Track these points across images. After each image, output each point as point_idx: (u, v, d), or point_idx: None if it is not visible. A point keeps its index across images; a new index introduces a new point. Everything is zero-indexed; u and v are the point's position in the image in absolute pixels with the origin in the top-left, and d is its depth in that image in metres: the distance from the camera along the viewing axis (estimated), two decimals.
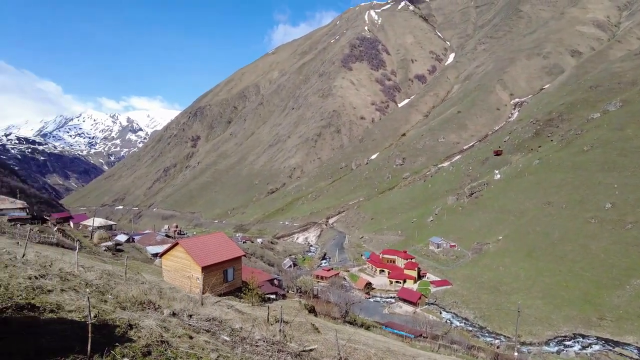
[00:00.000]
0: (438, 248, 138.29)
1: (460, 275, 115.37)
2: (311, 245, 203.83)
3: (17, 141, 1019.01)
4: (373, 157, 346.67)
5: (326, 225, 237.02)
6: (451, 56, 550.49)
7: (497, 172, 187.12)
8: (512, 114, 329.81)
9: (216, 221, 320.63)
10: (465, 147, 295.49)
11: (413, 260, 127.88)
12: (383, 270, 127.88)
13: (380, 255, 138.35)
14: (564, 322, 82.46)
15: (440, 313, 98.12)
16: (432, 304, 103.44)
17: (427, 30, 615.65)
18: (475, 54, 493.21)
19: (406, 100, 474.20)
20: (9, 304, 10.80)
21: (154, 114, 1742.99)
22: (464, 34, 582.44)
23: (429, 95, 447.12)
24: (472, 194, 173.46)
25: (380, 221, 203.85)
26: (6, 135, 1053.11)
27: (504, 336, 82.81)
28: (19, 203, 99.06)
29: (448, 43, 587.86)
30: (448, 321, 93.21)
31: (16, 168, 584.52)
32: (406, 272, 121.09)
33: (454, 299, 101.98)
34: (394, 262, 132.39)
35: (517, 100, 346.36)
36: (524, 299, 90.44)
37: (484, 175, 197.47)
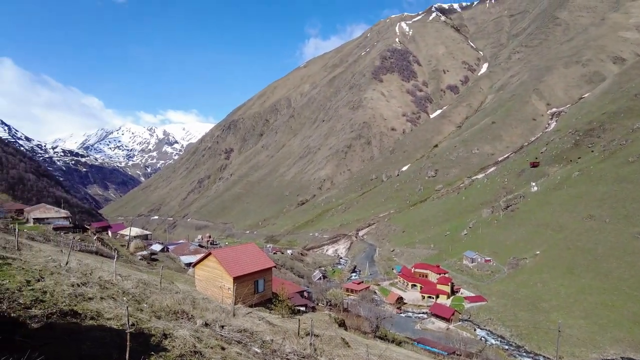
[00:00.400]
0: (472, 263, 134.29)
1: (496, 291, 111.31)
2: (341, 258, 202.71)
3: (62, 153, 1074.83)
4: (404, 168, 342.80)
5: (356, 237, 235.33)
6: (484, 66, 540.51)
7: (534, 184, 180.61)
8: (549, 124, 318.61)
9: (248, 232, 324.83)
10: (500, 159, 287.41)
11: (446, 275, 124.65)
12: (415, 285, 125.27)
13: (412, 269, 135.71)
14: (611, 345, 77.66)
15: (475, 330, 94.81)
16: (466, 320, 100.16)
17: (459, 40, 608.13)
18: (510, 64, 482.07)
19: (438, 111, 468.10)
20: (54, 310, 11.34)
21: (189, 127, 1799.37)
22: (498, 44, 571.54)
23: (461, 105, 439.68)
24: (508, 206, 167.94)
25: (412, 234, 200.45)
26: (53, 148, 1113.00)
27: (543, 357, 78.92)
28: (63, 212, 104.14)
29: (481, 53, 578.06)
30: (483, 339, 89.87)
31: (61, 179, 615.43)
32: (439, 287, 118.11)
33: (489, 315, 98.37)
34: (426, 276, 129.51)
35: (554, 110, 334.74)
36: (565, 318, 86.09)
37: (520, 188, 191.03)
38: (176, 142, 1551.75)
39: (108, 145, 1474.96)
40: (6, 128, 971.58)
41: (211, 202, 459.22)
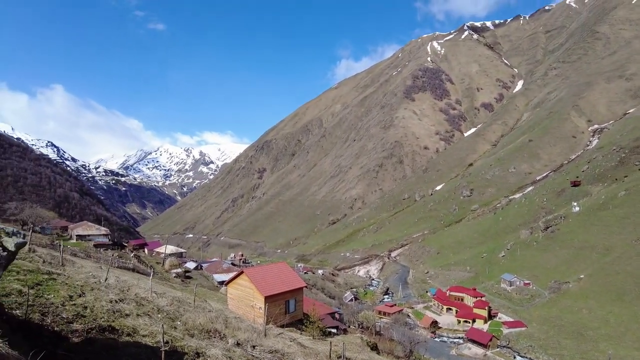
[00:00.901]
0: (511, 286, 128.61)
1: (537, 316, 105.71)
2: (373, 279, 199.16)
3: (104, 173, 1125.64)
4: (438, 188, 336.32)
5: (388, 258, 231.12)
6: (519, 83, 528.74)
7: (575, 204, 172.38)
8: (590, 141, 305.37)
9: (279, 251, 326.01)
10: (538, 178, 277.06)
11: (483, 299, 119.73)
12: (450, 309, 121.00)
13: (447, 292, 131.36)
14: None
15: (514, 358, 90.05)
16: (504, 346, 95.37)
17: (493, 58, 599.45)
18: (547, 80, 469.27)
19: (472, 130, 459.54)
20: (94, 325, 11.75)
21: (224, 147, 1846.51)
22: (533, 60, 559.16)
23: (496, 123, 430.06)
24: (548, 227, 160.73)
25: (447, 256, 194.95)
26: (96, 168, 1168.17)
27: None
28: (103, 230, 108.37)
29: (516, 70, 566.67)
30: None
31: (102, 198, 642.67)
32: (475, 311, 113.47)
33: (529, 342, 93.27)
34: (462, 300, 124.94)
35: (596, 126, 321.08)
36: (616, 348, 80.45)
37: (561, 208, 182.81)
38: (212, 162, 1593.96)
39: (147, 165, 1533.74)
40: (55, 149, 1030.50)
41: (244, 220, 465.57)
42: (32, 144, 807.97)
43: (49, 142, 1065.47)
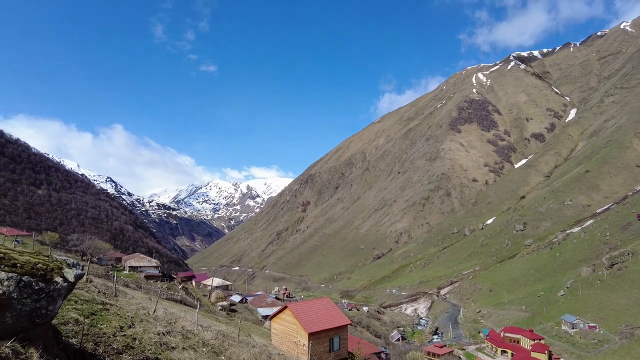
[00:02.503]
0: (573, 329, 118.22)
1: None
2: (421, 318, 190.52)
3: (157, 207, 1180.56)
4: (489, 221, 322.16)
5: (437, 296, 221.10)
6: (572, 112, 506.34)
7: None
8: None
9: (323, 285, 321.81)
10: (598, 211, 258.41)
11: (542, 342, 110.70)
12: (505, 351, 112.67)
13: (502, 334, 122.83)
14: None
15: None
16: None
17: (542, 87, 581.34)
18: (602, 107, 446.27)
19: (523, 161, 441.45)
20: (142, 357, 12.04)
21: (270, 181, 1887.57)
22: (587, 87, 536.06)
23: (549, 154, 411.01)
24: (613, 265, 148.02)
25: (500, 294, 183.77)
26: (149, 202, 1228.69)
27: None
28: (154, 262, 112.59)
29: (567, 98, 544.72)
30: None
31: (154, 230, 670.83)
32: (534, 354, 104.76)
33: None
34: (518, 342, 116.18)
35: None
36: None
37: (627, 243, 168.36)
38: (258, 196, 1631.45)
39: (197, 199, 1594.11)
40: (114, 184, 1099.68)
41: (288, 254, 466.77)
42: (94, 180, 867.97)
43: (108, 177, 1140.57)
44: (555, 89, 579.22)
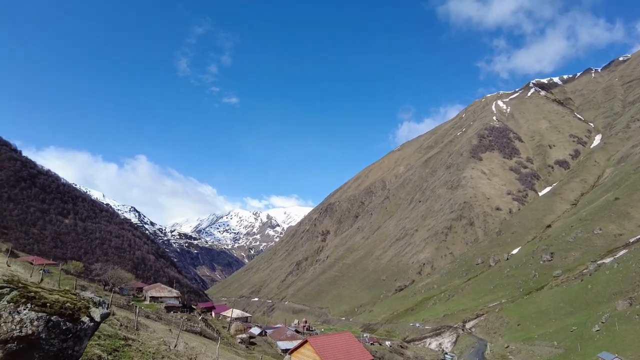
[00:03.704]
0: None
1: None
2: (446, 353, 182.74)
3: (178, 236, 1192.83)
4: (514, 251, 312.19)
5: (463, 330, 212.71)
6: (597, 138, 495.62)
7: None
8: None
9: (343, 318, 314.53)
10: (632, 240, 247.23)
11: None
12: None
13: None
14: None
15: None
16: None
17: (564, 113, 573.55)
18: (629, 133, 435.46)
19: (547, 188, 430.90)
20: None
21: (290, 210, 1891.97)
22: (611, 113, 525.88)
23: (574, 181, 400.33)
24: None
25: (529, 328, 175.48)
26: (171, 232, 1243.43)
27: None
28: (175, 292, 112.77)
29: (591, 124, 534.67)
30: None
31: (175, 260, 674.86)
32: None
33: None
34: None
35: None
36: None
37: None
38: (278, 225, 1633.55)
39: (218, 228, 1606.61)
40: (137, 214, 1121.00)
41: (308, 285, 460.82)
42: (118, 209, 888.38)
43: (132, 207, 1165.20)
44: (578, 115, 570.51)
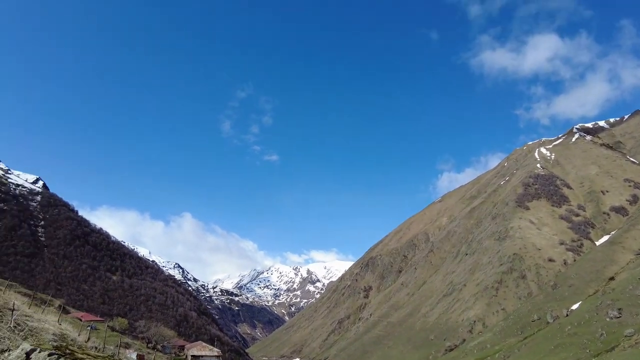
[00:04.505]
0: None
1: None
2: None
3: (220, 293, 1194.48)
4: (574, 307, 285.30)
5: None
6: None
7: None
8: None
9: None
10: None
11: None
12: None
13: None
14: None
15: None
16: None
17: (615, 157, 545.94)
18: None
19: (605, 237, 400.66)
20: None
21: (329, 265, 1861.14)
22: None
23: (636, 229, 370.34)
24: None
25: None
26: (213, 288, 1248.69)
27: None
28: (216, 351, 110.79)
29: None
30: None
31: (216, 317, 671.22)
32: None
33: None
34: None
35: None
36: None
37: None
38: (318, 280, 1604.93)
39: (258, 284, 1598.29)
40: (181, 270, 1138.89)
41: (351, 345, 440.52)
42: (163, 266, 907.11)
43: (176, 263, 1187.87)
44: (631, 158, 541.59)
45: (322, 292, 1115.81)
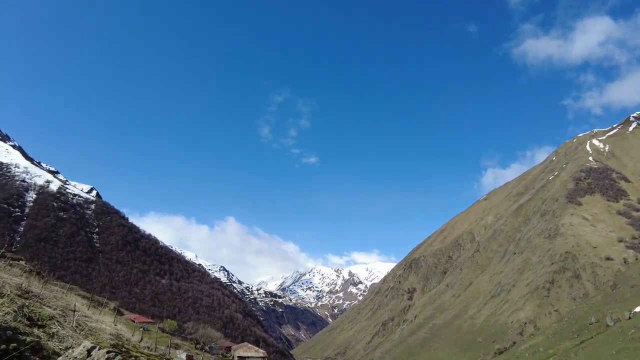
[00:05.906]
0: None
1: None
2: None
3: (264, 295, 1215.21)
4: (638, 309, 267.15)
5: None
6: None
7: None
8: None
9: None
10: None
11: None
12: None
13: None
14: None
15: None
16: None
17: None
18: None
19: None
20: None
21: (371, 267, 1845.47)
22: None
23: None
24: None
25: None
26: (257, 290, 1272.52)
27: None
28: (261, 352, 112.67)
29: None
30: None
31: (261, 318, 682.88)
32: None
33: None
34: None
35: None
36: None
37: None
38: (360, 282, 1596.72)
39: (301, 286, 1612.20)
40: (226, 273, 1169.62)
41: (396, 347, 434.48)
42: (209, 269, 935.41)
43: (221, 266, 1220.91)
44: None
45: (365, 293, 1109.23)
